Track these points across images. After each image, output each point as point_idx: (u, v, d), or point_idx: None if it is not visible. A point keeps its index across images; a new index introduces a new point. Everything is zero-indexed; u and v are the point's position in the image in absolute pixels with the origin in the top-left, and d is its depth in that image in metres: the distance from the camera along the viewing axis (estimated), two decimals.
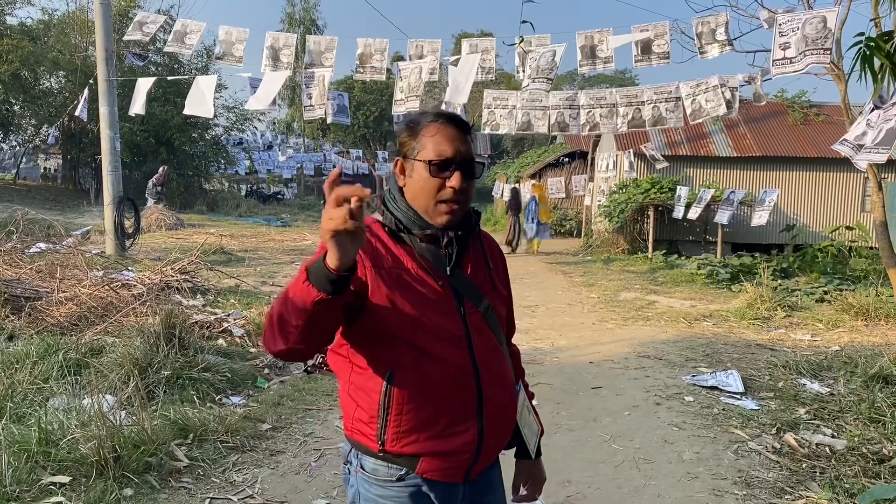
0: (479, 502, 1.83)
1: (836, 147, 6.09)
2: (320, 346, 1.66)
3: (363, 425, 1.70)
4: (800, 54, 6.77)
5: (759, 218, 13.33)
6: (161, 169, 21.79)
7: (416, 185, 1.71)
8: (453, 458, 1.70)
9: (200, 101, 10.15)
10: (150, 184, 20.90)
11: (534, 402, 2.04)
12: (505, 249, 16.47)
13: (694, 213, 14.91)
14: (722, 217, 14.36)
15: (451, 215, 1.70)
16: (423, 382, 1.66)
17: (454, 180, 1.67)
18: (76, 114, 13.03)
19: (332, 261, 1.39)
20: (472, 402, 1.70)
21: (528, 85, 8.80)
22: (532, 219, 16.89)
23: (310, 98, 9.78)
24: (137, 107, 10.99)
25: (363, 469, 1.73)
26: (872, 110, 5.93)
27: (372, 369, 1.68)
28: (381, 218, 1.74)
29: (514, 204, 17.36)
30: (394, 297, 1.64)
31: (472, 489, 1.79)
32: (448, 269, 1.72)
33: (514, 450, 1.98)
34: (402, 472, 1.70)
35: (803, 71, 6.85)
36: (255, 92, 9.96)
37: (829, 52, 6.80)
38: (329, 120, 10.39)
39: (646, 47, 8.53)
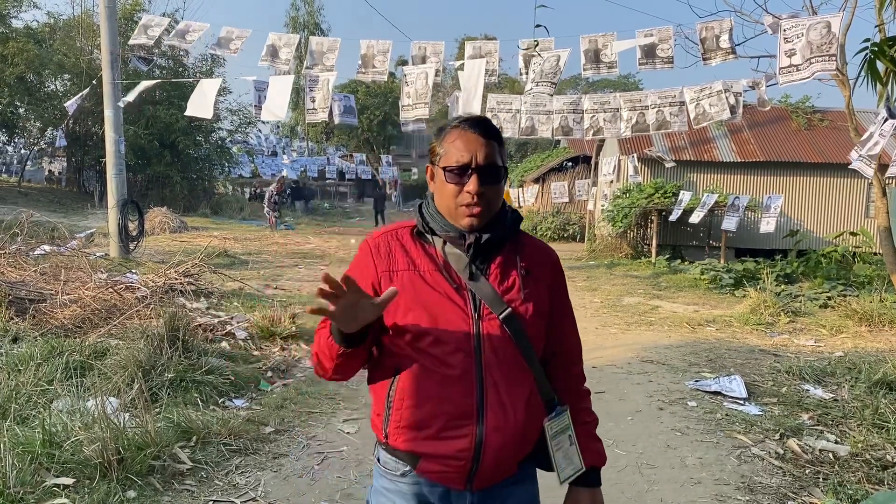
0: None
1: (854, 165, 6.05)
2: (356, 372, 1.80)
3: (376, 417, 1.79)
4: (805, 61, 6.77)
5: (767, 225, 13.33)
6: (278, 178, 22.30)
7: (439, 190, 1.76)
8: (448, 462, 1.69)
9: (202, 102, 10.19)
10: (266, 194, 21.61)
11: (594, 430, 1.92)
12: None
13: (696, 218, 14.89)
14: (730, 224, 14.35)
15: (473, 218, 1.71)
16: (421, 382, 1.69)
17: (471, 185, 1.69)
18: (66, 105, 13.13)
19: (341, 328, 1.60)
20: (472, 409, 1.68)
21: (531, 88, 8.80)
22: None
23: (313, 101, 9.80)
24: (129, 96, 11.25)
25: (378, 461, 1.82)
26: (886, 120, 5.90)
27: (385, 365, 1.77)
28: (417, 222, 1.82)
29: None
30: (404, 298, 1.70)
31: (483, 500, 1.75)
32: (467, 271, 1.73)
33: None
34: (406, 469, 1.74)
35: (810, 78, 6.84)
36: (260, 97, 9.99)
37: (834, 58, 6.79)
38: (336, 120, 10.42)
39: (650, 51, 8.53)
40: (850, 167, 6.51)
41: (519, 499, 1.82)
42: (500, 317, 1.72)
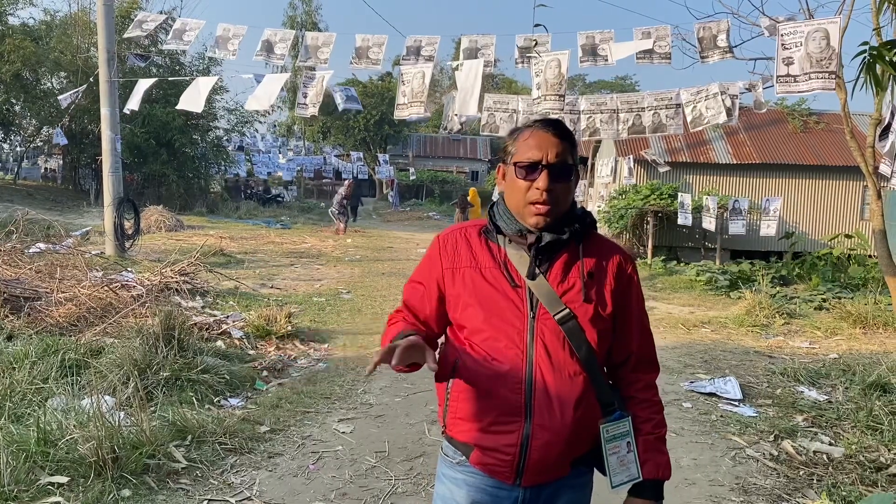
0: None
1: (894, 183, 6.01)
2: None
3: (440, 407, 1.88)
4: (804, 75, 6.74)
5: (768, 228, 13.37)
6: (346, 181, 22.22)
7: (509, 187, 1.79)
8: (497, 455, 1.74)
9: (194, 97, 10.19)
10: (335, 200, 21.23)
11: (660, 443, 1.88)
12: None
13: (710, 224, 14.73)
14: (738, 228, 14.35)
15: (541, 216, 1.73)
16: (475, 376, 1.76)
17: (541, 181, 1.71)
18: (60, 98, 13.15)
19: None
20: (520, 405, 1.72)
21: (538, 99, 8.70)
22: (466, 217, 20.82)
23: (305, 97, 9.77)
24: (133, 103, 11.13)
25: (442, 448, 1.90)
26: None
27: (448, 357, 1.85)
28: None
29: (461, 204, 21.18)
30: (463, 294, 1.79)
31: (535, 498, 1.79)
32: (527, 270, 1.76)
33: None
34: (461, 458, 1.82)
35: (808, 93, 6.85)
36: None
37: (833, 75, 6.76)
38: (340, 107, 10.51)
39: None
40: (891, 185, 6.46)
41: (569, 502, 1.84)
42: (556, 316, 1.74)
